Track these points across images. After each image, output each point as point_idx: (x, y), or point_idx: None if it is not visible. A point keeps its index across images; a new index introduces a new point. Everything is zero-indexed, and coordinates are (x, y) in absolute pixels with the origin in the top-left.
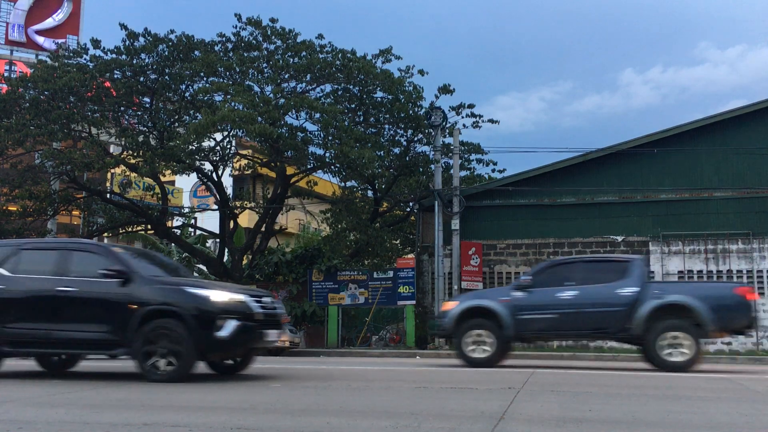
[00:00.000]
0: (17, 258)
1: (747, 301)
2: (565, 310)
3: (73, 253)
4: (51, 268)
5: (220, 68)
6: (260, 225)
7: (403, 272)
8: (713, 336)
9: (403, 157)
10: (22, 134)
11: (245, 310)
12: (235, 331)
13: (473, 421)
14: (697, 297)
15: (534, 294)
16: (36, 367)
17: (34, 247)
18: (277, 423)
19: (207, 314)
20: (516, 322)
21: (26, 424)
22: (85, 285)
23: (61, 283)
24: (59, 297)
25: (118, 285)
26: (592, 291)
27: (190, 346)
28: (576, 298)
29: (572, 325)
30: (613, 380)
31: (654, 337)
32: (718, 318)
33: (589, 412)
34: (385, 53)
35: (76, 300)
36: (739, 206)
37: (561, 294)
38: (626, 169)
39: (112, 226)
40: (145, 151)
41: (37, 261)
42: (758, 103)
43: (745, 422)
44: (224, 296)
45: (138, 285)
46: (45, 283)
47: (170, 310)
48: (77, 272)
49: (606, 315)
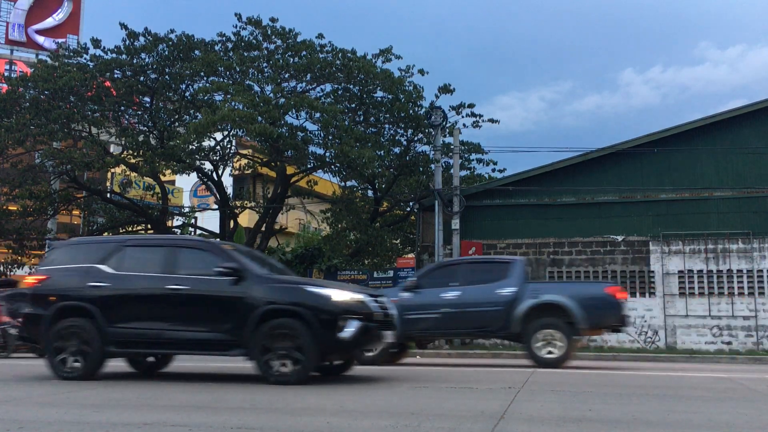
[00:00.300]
0: (121, 255)
1: (616, 300)
2: (448, 309)
3: (181, 250)
4: (158, 266)
5: (220, 68)
6: (260, 225)
7: (403, 272)
8: (585, 333)
9: (403, 156)
10: (23, 134)
11: (365, 310)
12: (357, 332)
13: (473, 420)
14: (570, 296)
15: (420, 294)
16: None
17: (138, 244)
18: (278, 422)
19: (329, 314)
20: (403, 322)
21: (27, 424)
22: (197, 283)
23: (171, 281)
24: (170, 295)
25: (231, 283)
26: (474, 291)
27: (311, 348)
28: (458, 298)
29: (455, 324)
30: (613, 380)
31: (530, 334)
32: (589, 316)
33: (589, 411)
34: (385, 53)
35: (189, 299)
36: (739, 206)
37: (445, 294)
38: (626, 169)
39: (112, 226)
40: (145, 150)
41: (142, 258)
42: (758, 102)
43: (744, 422)
44: (345, 296)
45: (252, 283)
46: (154, 281)
47: (290, 309)
48: (187, 270)
49: (486, 314)
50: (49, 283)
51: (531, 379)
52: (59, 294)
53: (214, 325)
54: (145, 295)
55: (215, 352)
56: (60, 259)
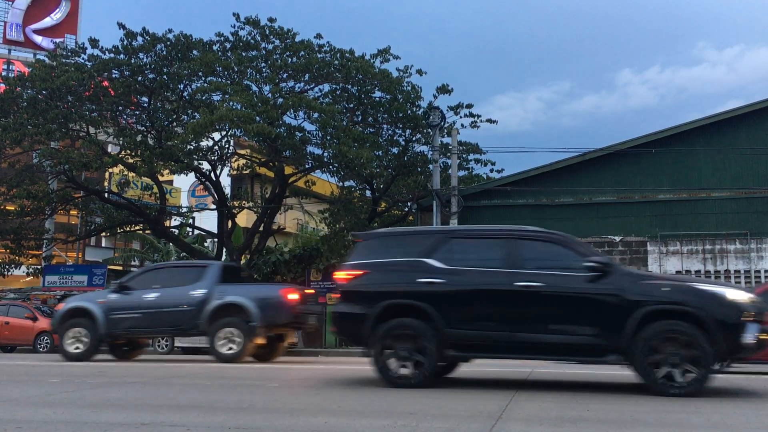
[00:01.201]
0: (447, 247)
1: (287, 300)
2: (148, 310)
3: (525, 242)
4: (498, 260)
5: (219, 68)
6: (258, 225)
7: None
8: (262, 332)
9: (402, 156)
10: (20, 133)
11: (760, 311)
12: (758, 336)
13: (471, 420)
14: (250, 297)
15: (126, 296)
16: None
17: (467, 236)
18: (276, 422)
19: (730, 316)
20: (108, 322)
21: (24, 424)
22: (554, 279)
23: (521, 277)
24: (521, 293)
25: (593, 280)
26: (171, 293)
27: (709, 354)
28: (157, 299)
29: (154, 323)
30: (612, 380)
31: (214, 332)
32: (264, 316)
33: (587, 411)
34: (383, 53)
35: (546, 297)
36: (737, 206)
37: (146, 296)
38: (624, 169)
39: (110, 226)
40: (143, 150)
41: (475, 251)
42: (756, 103)
43: (742, 422)
44: (740, 294)
45: (621, 280)
46: (498, 276)
47: (680, 310)
48: (536, 264)
49: (180, 314)
50: (369, 279)
51: (530, 378)
52: (384, 291)
53: (580, 327)
54: (488, 293)
55: (585, 358)
56: (374, 253)
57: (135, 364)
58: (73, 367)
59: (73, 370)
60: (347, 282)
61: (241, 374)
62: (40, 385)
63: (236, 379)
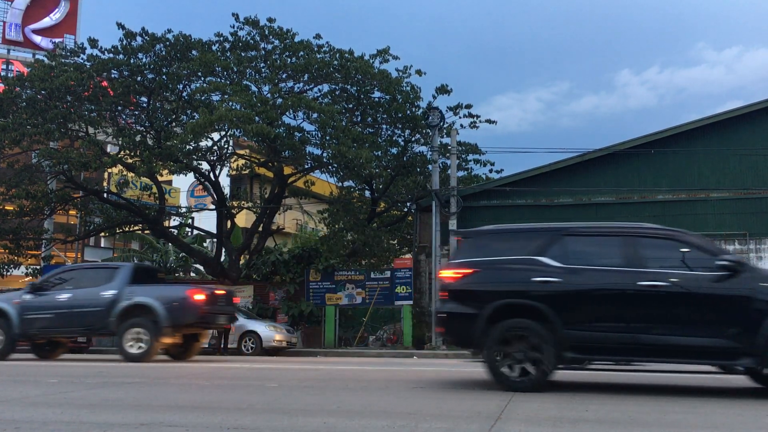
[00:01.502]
0: (561, 245)
1: (193, 301)
2: (60, 310)
3: (642, 239)
4: (618, 258)
5: (218, 68)
6: (257, 225)
7: (400, 272)
8: (169, 332)
9: (401, 157)
10: (19, 133)
11: None
12: None
13: (470, 420)
14: (158, 298)
15: (41, 296)
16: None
17: (582, 233)
18: (275, 422)
19: None
20: (22, 322)
21: (23, 424)
22: (682, 279)
23: (645, 276)
24: (646, 293)
25: (723, 279)
26: (82, 294)
27: None
28: (69, 300)
29: (65, 323)
30: (612, 380)
31: (123, 332)
32: (171, 316)
33: (586, 412)
34: (382, 53)
35: (675, 297)
36: (735, 207)
37: (59, 296)
38: (623, 170)
39: (109, 226)
40: (142, 150)
41: (591, 249)
42: (755, 104)
43: (741, 422)
44: None
45: (753, 280)
46: (620, 276)
47: None
48: (659, 263)
49: (90, 314)
50: (480, 278)
51: None
52: (496, 291)
53: (712, 329)
54: (610, 293)
55: (715, 361)
56: (481, 251)
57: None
58: (72, 367)
59: (73, 370)
60: (455, 281)
61: (240, 375)
62: (39, 386)
63: (235, 380)
